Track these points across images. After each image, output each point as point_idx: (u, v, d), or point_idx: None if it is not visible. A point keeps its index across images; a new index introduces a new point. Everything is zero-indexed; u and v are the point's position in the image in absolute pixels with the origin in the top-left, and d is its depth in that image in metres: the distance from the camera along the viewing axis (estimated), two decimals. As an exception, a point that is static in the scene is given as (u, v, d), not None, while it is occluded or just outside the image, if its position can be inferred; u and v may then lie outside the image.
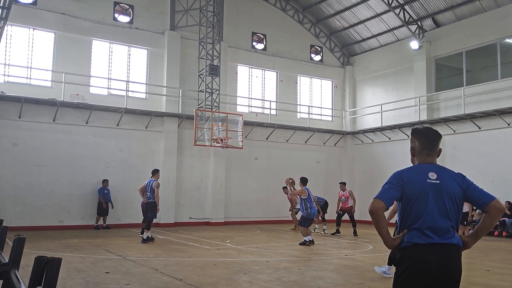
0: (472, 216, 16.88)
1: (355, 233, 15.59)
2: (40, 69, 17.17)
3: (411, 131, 3.43)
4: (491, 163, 17.49)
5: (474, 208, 17.07)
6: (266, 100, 22.12)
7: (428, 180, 3.10)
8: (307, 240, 12.56)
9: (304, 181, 13.27)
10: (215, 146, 18.34)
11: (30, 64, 17.05)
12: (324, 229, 16.56)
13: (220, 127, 18.24)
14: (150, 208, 13.02)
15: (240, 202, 20.38)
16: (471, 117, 18.05)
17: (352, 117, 24.11)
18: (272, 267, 9.03)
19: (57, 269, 2.07)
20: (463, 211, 14.53)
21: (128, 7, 19.11)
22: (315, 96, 24.16)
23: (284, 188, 16.85)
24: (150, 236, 13.00)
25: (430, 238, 3.03)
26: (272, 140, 21.75)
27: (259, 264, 9.44)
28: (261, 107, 22.10)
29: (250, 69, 22.16)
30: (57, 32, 17.52)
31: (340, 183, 16.58)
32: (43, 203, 16.44)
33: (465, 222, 15.88)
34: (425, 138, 3.28)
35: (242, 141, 18.81)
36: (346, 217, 15.96)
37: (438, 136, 3.30)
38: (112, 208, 17.38)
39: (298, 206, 15.75)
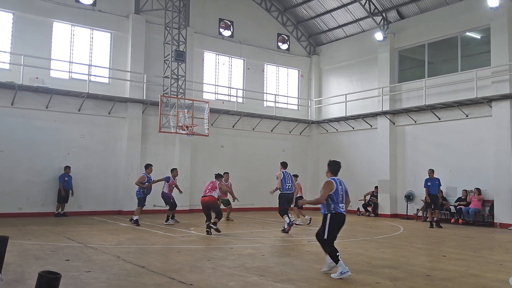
0: (443, 204, 17.35)
1: None
2: (-3, 51, 16.53)
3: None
4: (449, 152, 18.04)
5: (445, 197, 17.61)
6: (232, 88, 22.02)
7: None
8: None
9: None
10: (180, 133, 18.13)
11: (-14, 45, 16.37)
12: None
13: (186, 114, 18.02)
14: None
15: (205, 190, 20.27)
16: (432, 108, 18.53)
17: (318, 106, 24.35)
18: (236, 253, 9.08)
19: (4, 246, 2.03)
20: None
21: (91, -12, 18.56)
22: (282, 85, 24.24)
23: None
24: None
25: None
26: (239, 128, 21.75)
27: (223, 251, 9.48)
28: (228, 95, 22.00)
29: (217, 56, 21.98)
30: (16, 12, 16.85)
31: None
32: (0, 189, 15.92)
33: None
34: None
35: (208, 128, 18.70)
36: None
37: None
38: (72, 195, 16.99)
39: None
